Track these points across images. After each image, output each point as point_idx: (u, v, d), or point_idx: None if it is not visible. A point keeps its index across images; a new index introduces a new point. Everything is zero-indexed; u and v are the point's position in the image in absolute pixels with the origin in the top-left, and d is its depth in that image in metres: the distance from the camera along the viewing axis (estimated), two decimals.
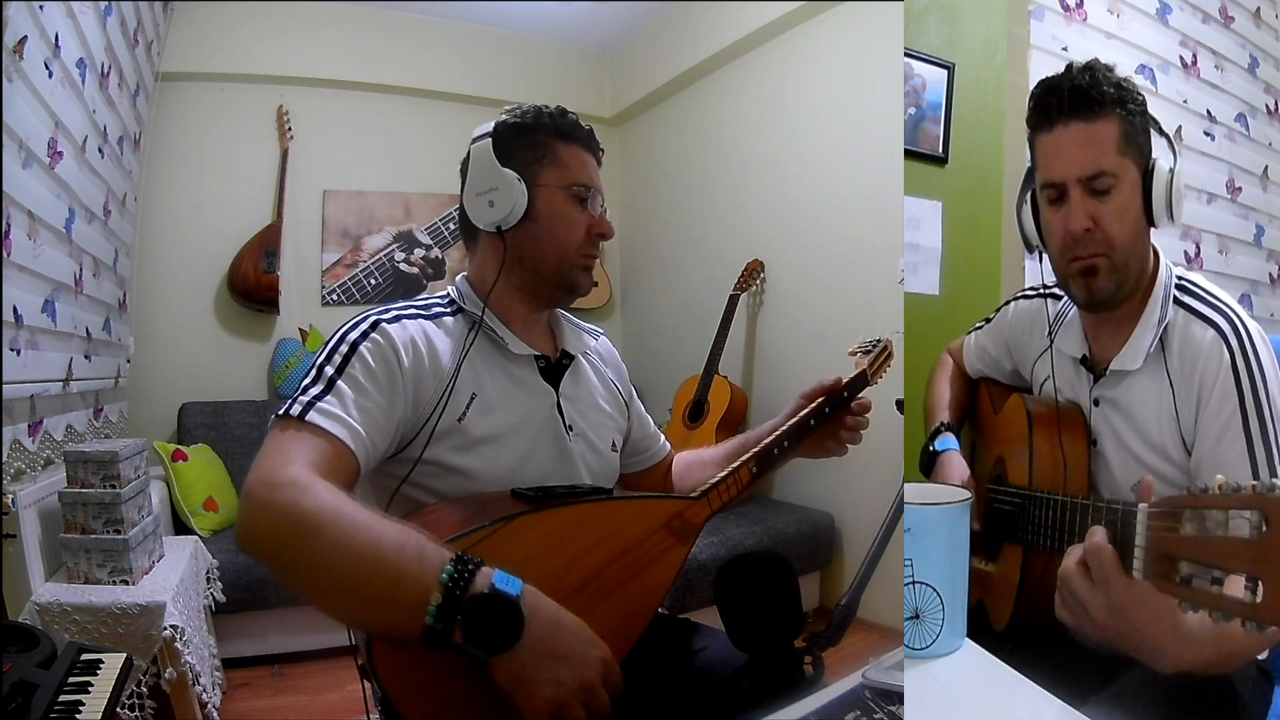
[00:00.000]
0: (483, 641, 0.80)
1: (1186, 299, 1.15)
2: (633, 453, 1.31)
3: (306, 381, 0.97)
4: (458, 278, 1.19)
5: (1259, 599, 0.60)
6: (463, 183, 1.14)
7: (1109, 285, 1.13)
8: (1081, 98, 1.10)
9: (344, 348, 1.00)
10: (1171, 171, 1.11)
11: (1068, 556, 0.88)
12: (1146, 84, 2.71)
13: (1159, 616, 0.83)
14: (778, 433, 1.17)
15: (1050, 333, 1.31)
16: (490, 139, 1.11)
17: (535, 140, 1.12)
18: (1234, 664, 0.97)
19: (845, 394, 1.25)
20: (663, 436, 1.38)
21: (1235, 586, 0.62)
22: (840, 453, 1.26)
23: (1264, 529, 0.60)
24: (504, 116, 1.15)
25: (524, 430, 1.09)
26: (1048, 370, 1.31)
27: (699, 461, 1.34)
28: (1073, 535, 1.00)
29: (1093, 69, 1.12)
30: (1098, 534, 0.84)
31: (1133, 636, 0.85)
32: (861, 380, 1.28)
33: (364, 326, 1.02)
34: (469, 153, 1.14)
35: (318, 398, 0.95)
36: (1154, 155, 1.13)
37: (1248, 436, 1.05)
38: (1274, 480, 0.61)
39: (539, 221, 1.11)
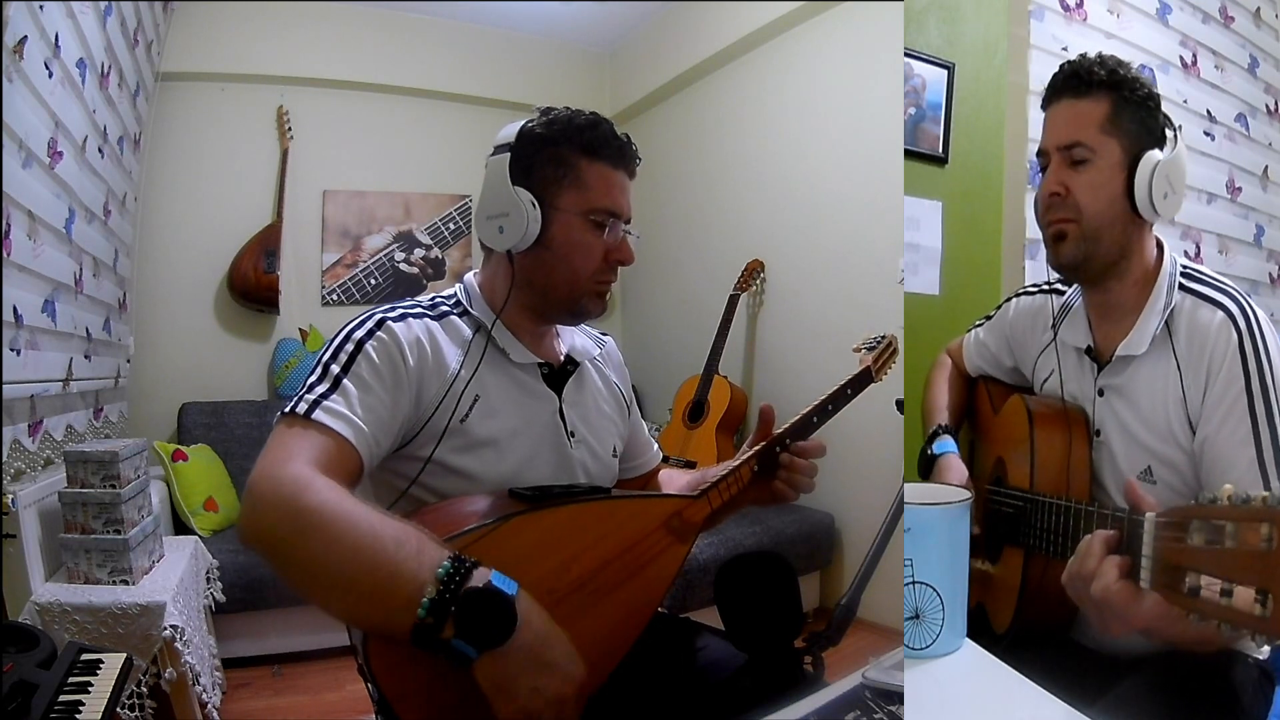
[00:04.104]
0: (475, 635, 0.80)
1: (1193, 285, 1.16)
2: (624, 459, 1.30)
3: (312, 379, 0.97)
4: (465, 277, 1.17)
5: (1269, 612, 0.59)
6: None
7: (1076, 252, 1.17)
8: (1073, 77, 1.17)
9: (350, 346, 0.99)
10: (1158, 164, 1.13)
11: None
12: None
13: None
14: (779, 431, 1.17)
15: (1054, 325, 1.31)
16: (509, 153, 1.06)
17: (559, 156, 1.06)
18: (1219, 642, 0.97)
19: (849, 391, 1.24)
20: (655, 445, 1.37)
21: (1245, 598, 0.61)
22: (789, 500, 1.14)
23: (1274, 542, 0.59)
24: (532, 123, 1.09)
25: (525, 435, 1.09)
26: (1049, 365, 1.31)
27: (671, 484, 1.32)
28: (1076, 541, 1.00)
29: (1099, 56, 1.17)
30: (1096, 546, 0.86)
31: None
32: (866, 377, 1.27)
33: (370, 325, 1.02)
34: (487, 161, 1.08)
35: (324, 396, 0.95)
36: (1151, 149, 1.14)
37: (1253, 419, 1.05)
38: None
39: (551, 248, 1.07)
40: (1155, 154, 1.14)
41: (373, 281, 3.65)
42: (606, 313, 1.19)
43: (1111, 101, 1.14)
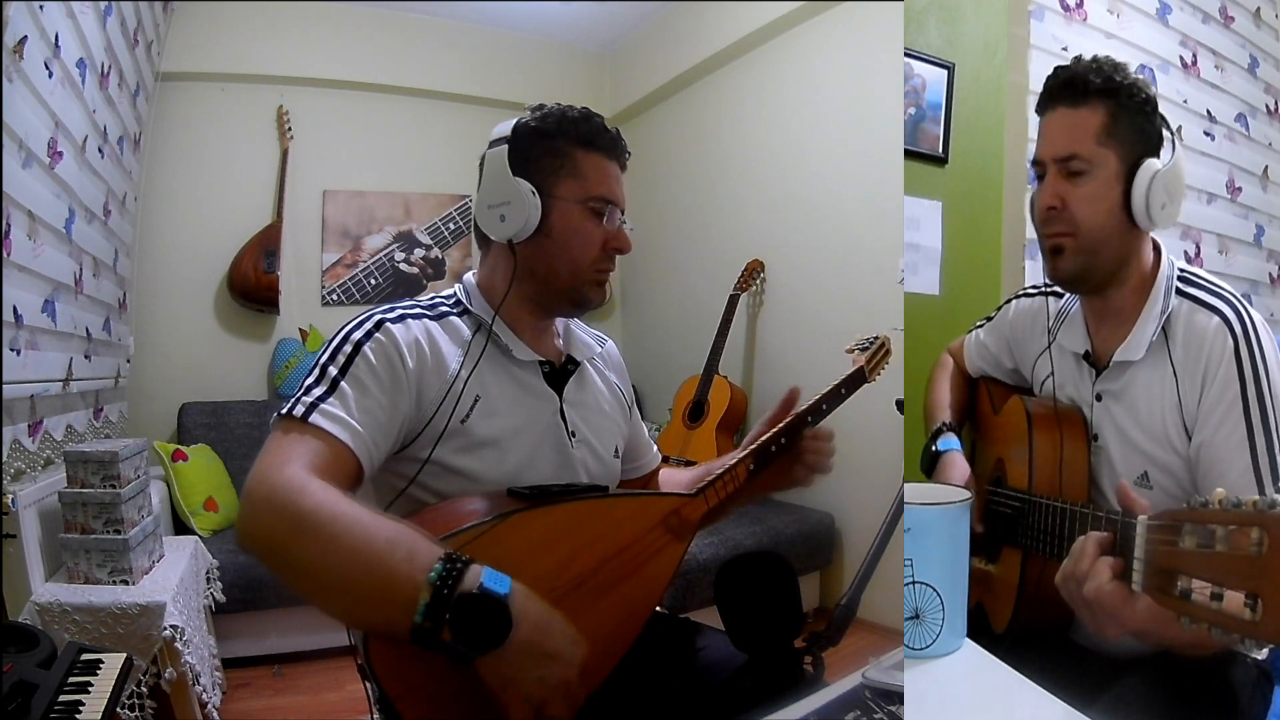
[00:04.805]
0: (470, 640, 0.80)
1: (1190, 289, 1.15)
2: (625, 460, 1.30)
3: (310, 381, 0.97)
4: (464, 276, 1.17)
5: (1259, 616, 0.59)
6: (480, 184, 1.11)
7: (1073, 266, 1.16)
8: (1068, 85, 1.14)
9: (348, 347, 0.99)
10: (1156, 174, 1.11)
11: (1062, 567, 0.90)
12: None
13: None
14: (774, 430, 1.17)
15: (1050, 330, 1.31)
16: (507, 145, 1.07)
17: (555, 148, 1.08)
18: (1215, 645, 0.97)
19: (843, 391, 1.24)
20: (655, 447, 1.38)
21: (1235, 602, 0.61)
22: (807, 483, 1.21)
23: (1264, 546, 0.59)
24: (526, 118, 1.10)
25: (526, 434, 1.08)
26: (1048, 368, 1.31)
27: (672, 482, 1.33)
28: (1071, 543, 1.00)
29: (1095, 61, 1.15)
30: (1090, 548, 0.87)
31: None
32: (859, 377, 1.28)
33: (368, 326, 1.01)
34: (484, 156, 1.10)
35: (321, 398, 0.94)
36: (1149, 156, 1.12)
37: (1248, 423, 1.05)
38: (1275, 496, 0.61)
39: (552, 236, 1.08)
40: (1154, 163, 1.12)
41: (373, 281, 3.65)
42: (606, 307, 1.19)
43: (1108, 110, 1.12)
